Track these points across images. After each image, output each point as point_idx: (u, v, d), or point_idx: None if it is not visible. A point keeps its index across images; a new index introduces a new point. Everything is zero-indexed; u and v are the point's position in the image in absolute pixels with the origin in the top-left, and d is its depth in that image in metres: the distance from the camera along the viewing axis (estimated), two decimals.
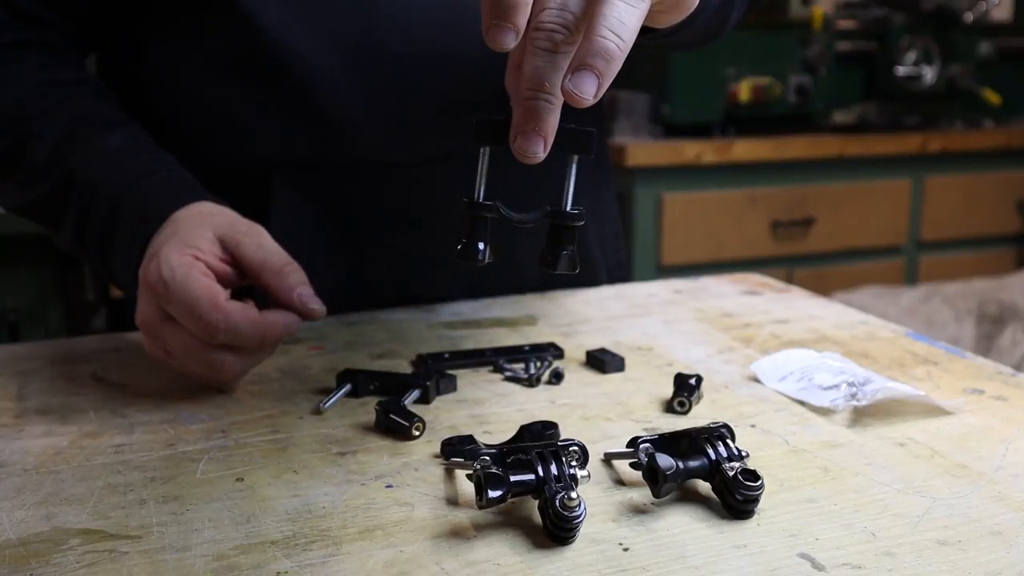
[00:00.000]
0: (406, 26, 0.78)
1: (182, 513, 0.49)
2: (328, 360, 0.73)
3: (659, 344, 0.77)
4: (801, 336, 0.79)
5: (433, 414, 0.63)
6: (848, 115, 2.83)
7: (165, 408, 0.64)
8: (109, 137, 0.74)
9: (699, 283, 0.96)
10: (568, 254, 0.54)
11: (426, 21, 0.79)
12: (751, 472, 0.48)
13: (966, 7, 2.79)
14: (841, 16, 2.86)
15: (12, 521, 0.49)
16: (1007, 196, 2.85)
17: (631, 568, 0.44)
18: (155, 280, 0.62)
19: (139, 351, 0.76)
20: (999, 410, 0.62)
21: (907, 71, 2.77)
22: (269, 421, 0.62)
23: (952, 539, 0.46)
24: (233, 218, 0.68)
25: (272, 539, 0.47)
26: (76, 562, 0.45)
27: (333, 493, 0.51)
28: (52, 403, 0.65)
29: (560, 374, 0.68)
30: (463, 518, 0.49)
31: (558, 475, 0.47)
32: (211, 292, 0.61)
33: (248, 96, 0.80)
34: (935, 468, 0.54)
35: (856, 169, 2.64)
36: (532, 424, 0.57)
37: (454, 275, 0.89)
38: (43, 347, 0.78)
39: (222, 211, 0.69)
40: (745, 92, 2.58)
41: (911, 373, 0.70)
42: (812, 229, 2.62)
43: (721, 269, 1.34)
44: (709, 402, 0.64)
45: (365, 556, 0.45)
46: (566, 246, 0.54)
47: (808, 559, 0.44)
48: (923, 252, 2.80)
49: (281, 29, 0.76)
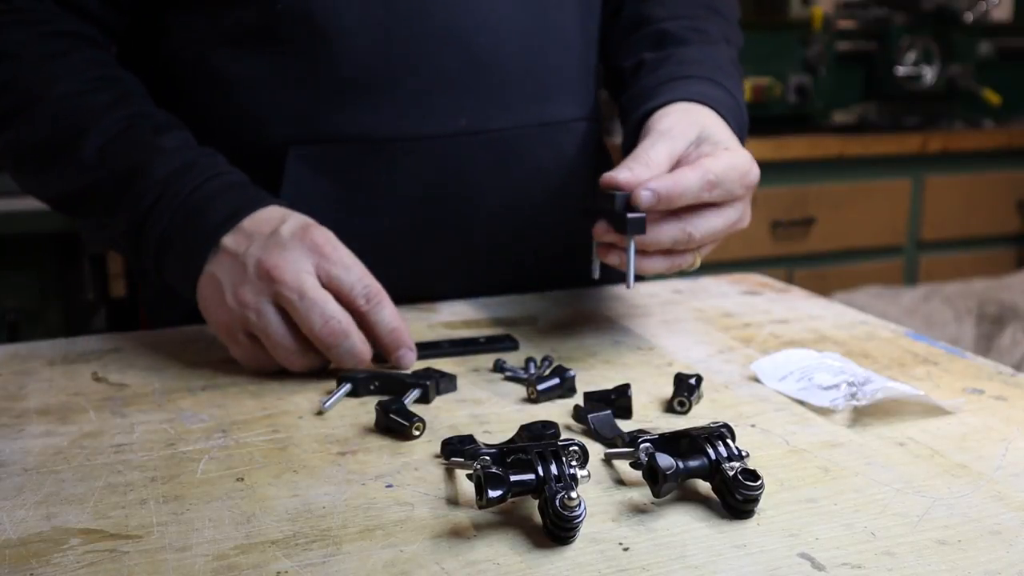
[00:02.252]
0: (423, 7, 0.80)
1: (182, 513, 0.49)
2: None
3: (659, 344, 0.77)
4: (801, 336, 0.79)
5: (433, 414, 0.63)
6: (848, 115, 2.83)
7: (165, 408, 0.64)
8: (166, 136, 0.75)
9: (699, 283, 0.96)
10: None
11: (443, 2, 0.80)
12: (751, 472, 0.48)
13: (966, 7, 2.79)
14: (841, 16, 2.86)
15: (12, 521, 0.49)
16: (1007, 196, 2.85)
17: (631, 568, 0.44)
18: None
19: (139, 351, 0.76)
20: (999, 410, 0.62)
21: (907, 71, 2.77)
22: (269, 421, 0.62)
23: (952, 539, 0.46)
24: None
25: (272, 539, 0.47)
26: (76, 562, 0.45)
27: (333, 493, 0.51)
28: (52, 403, 0.65)
29: (567, 377, 0.66)
30: (463, 518, 0.49)
31: (558, 475, 0.47)
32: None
33: (268, 70, 0.81)
34: (935, 468, 0.54)
35: (856, 169, 2.64)
36: (532, 424, 0.57)
37: (454, 274, 0.90)
38: (43, 347, 0.78)
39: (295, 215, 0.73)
40: (745, 92, 2.58)
41: (911, 373, 0.70)
42: (812, 229, 2.62)
43: (721, 269, 1.34)
44: (709, 402, 0.64)
45: (365, 556, 0.45)
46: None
47: (808, 559, 0.44)
48: (923, 252, 2.80)
49: (299, 5, 0.77)
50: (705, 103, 0.77)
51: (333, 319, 0.67)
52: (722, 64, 0.85)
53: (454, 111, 0.82)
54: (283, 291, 0.67)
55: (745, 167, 0.71)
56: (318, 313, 0.66)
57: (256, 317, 0.68)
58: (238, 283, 0.69)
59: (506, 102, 0.84)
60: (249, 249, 0.69)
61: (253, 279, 0.68)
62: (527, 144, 0.86)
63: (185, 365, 0.73)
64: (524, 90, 0.85)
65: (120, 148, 0.74)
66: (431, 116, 0.82)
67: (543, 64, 0.86)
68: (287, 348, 0.68)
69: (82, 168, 0.75)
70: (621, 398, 0.62)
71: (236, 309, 0.68)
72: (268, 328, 0.68)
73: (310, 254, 0.68)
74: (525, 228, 0.68)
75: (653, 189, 0.66)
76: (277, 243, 0.69)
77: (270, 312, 0.68)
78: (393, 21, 0.79)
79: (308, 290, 0.67)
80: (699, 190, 0.67)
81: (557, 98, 0.88)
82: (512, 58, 0.84)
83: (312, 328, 0.67)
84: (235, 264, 0.69)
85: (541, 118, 0.87)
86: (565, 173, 0.90)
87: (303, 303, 0.66)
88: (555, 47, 0.87)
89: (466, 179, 0.85)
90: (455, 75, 0.82)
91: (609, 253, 0.71)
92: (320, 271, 0.68)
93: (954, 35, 2.80)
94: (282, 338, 0.68)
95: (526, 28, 0.84)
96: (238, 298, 0.68)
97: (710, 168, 0.68)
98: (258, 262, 0.68)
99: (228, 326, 0.70)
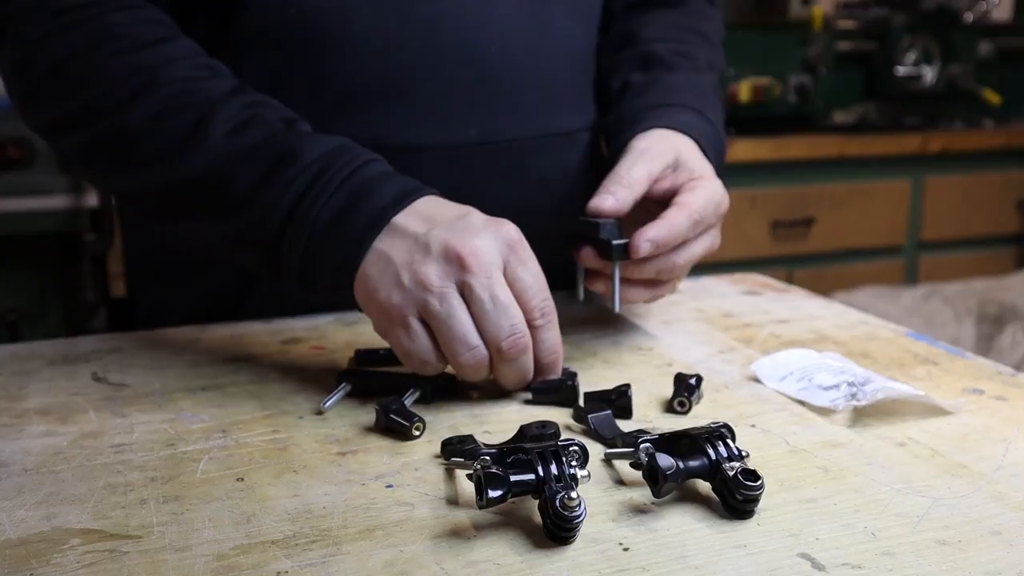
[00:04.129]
0: (436, 19, 0.79)
1: (182, 513, 0.49)
2: (328, 360, 0.73)
3: (659, 344, 0.77)
4: (801, 336, 0.79)
5: (433, 414, 0.63)
6: (848, 115, 2.83)
7: (165, 408, 0.64)
8: (300, 123, 0.70)
9: (699, 283, 0.96)
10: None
11: (458, 13, 0.80)
12: (751, 472, 0.48)
13: (966, 7, 2.79)
14: (841, 16, 2.86)
15: (12, 521, 0.49)
16: (1007, 196, 2.85)
17: (631, 568, 0.44)
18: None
19: (139, 351, 0.76)
20: (999, 410, 0.62)
21: (907, 71, 2.77)
22: (269, 421, 0.62)
23: (952, 539, 0.46)
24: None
25: (272, 539, 0.47)
26: (76, 562, 0.45)
27: (333, 493, 0.51)
28: (52, 403, 0.65)
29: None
30: (463, 518, 0.49)
31: (558, 475, 0.47)
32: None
33: (276, 77, 0.79)
34: (935, 468, 0.54)
35: (856, 169, 2.64)
36: (532, 424, 0.57)
37: None
38: (43, 347, 0.78)
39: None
40: (745, 92, 2.58)
41: (911, 373, 0.70)
42: (812, 229, 2.62)
43: (721, 269, 1.34)
44: (709, 402, 0.64)
45: (365, 556, 0.45)
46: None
47: (808, 559, 0.44)
48: (923, 252, 2.80)
49: (311, 14, 0.77)
50: (686, 132, 0.79)
51: (520, 331, 0.62)
52: (706, 92, 0.88)
53: (464, 122, 0.82)
54: (473, 283, 0.61)
55: (718, 198, 0.75)
56: (507, 321, 0.61)
57: (440, 303, 0.61)
58: (419, 263, 0.62)
59: (515, 113, 0.84)
60: (432, 231, 0.63)
61: (440, 260, 0.62)
62: (534, 155, 0.86)
63: (185, 365, 0.73)
64: (533, 101, 0.85)
65: (255, 134, 0.68)
66: (440, 126, 0.82)
67: (551, 74, 0.86)
68: (469, 345, 0.61)
69: (210, 154, 0.68)
70: (621, 398, 0.62)
71: (414, 291, 0.62)
72: (453, 316, 0.61)
73: (503, 247, 0.63)
74: (530, 237, 0.68)
75: (652, 240, 0.69)
76: (469, 228, 0.63)
77: (456, 300, 0.61)
78: (405, 30, 0.79)
79: (499, 291, 0.62)
80: (688, 232, 0.71)
81: (564, 109, 0.88)
82: (522, 69, 0.83)
83: (498, 337, 0.61)
84: (415, 245, 0.63)
85: (548, 129, 0.87)
86: (569, 183, 0.90)
87: (495, 307, 0.61)
88: (562, 57, 0.87)
89: (473, 189, 0.84)
90: (466, 85, 0.81)
91: (596, 281, 0.74)
92: (508, 269, 0.63)
93: (954, 35, 2.80)
94: (468, 332, 0.61)
95: (535, 38, 0.84)
96: (418, 278, 0.62)
97: (695, 208, 0.72)
98: (447, 244, 0.62)
99: (400, 310, 0.62)
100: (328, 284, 0.66)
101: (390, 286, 0.63)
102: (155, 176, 0.70)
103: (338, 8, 0.77)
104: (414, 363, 0.63)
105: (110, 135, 0.71)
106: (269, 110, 0.71)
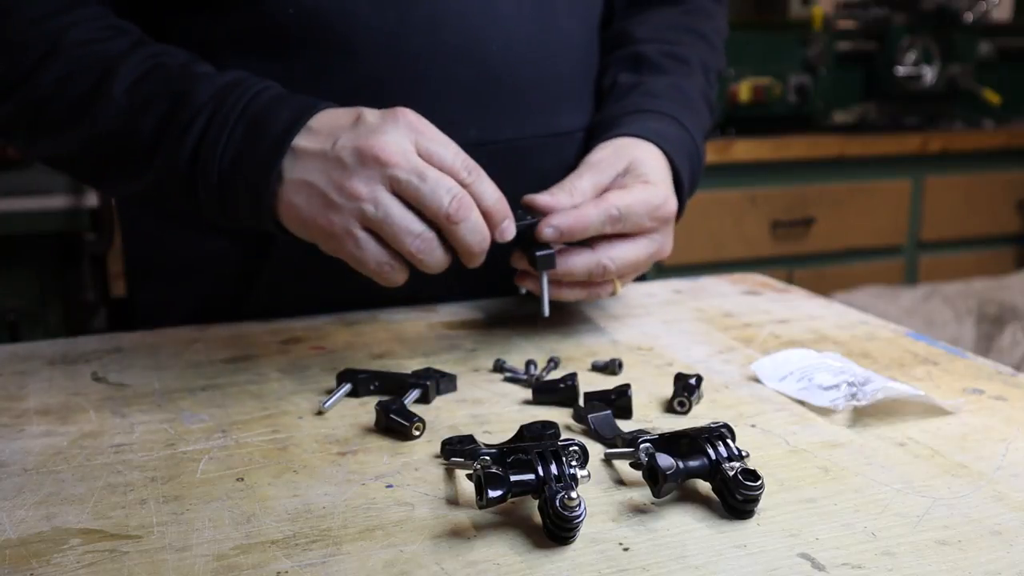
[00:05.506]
0: (437, 17, 0.79)
1: (182, 513, 0.49)
2: (328, 360, 0.73)
3: (659, 344, 0.77)
4: (801, 336, 0.79)
5: (433, 414, 0.63)
6: (848, 115, 2.83)
7: (165, 408, 0.64)
8: (198, 64, 0.72)
9: (699, 283, 0.96)
10: None
11: (459, 12, 0.80)
12: (751, 472, 0.48)
13: (966, 7, 2.80)
14: (841, 16, 2.86)
15: (12, 521, 0.49)
16: (1007, 196, 2.85)
17: (631, 568, 0.44)
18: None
19: (139, 351, 0.76)
20: (999, 410, 0.62)
21: (907, 71, 2.77)
22: (269, 421, 0.62)
23: (952, 539, 0.46)
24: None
25: (272, 539, 0.47)
26: (76, 562, 0.45)
27: (333, 493, 0.51)
28: (52, 403, 0.65)
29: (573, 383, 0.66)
30: (463, 518, 0.49)
31: (558, 475, 0.47)
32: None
33: (275, 76, 0.79)
34: (935, 468, 0.54)
35: (856, 169, 2.65)
36: (532, 424, 0.57)
37: (456, 278, 0.90)
38: (43, 347, 0.78)
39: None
40: (745, 92, 2.58)
41: (911, 373, 0.70)
42: (812, 229, 2.62)
43: (721, 269, 1.34)
44: (709, 402, 0.64)
45: (365, 556, 0.45)
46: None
47: (808, 559, 0.44)
48: (923, 252, 2.80)
49: (311, 13, 0.77)
50: (653, 140, 0.79)
51: (457, 192, 0.63)
52: (689, 97, 0.87)
53: (464, 121, 0.82)
54: (398, 174, 0.63)
55: (657, 201, 0.74)
56: (442, 189, 0.63)
57: (375, 207, 0.63)
58: (341, 177, 0.64)
59: (516, 113, 0.84)
60: (338, 142, 0.64)
61: (357, 168, 0.63)
62: (534, 154, 0.86)
63: (185, 365, 0.73)
64: (534, 101, 0.85)
65: (152, 84, 0.70)
66: (440, 126, 0.82)
67: (553, 74, 0.86)
68: (414, 233, 0.63)
69: (113, 110, 0.70)
70: (621, 398, 0.62)
71: (347, 204, 0.63)
72: (391, 215, 0.63)
73: (408, 132, 0.65)
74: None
75: (555, 225, 0.70)
76: (369, 129, 0.64)
77: (387, 198, 0.63)
78: (406, 30, 0.78)
79: (422, 168, 0.63)
80: (601, 224, 0.71)
81: (565, 108, 0.88)
82: (524, 68, 0.83)
83: (441, 206, 0.63)
84: (326, 161, 0.64)
85: (549, 128, 0.87)
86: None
87: (426, 183, 0.63)
88: (564, 57, 0.87)
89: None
90: (467, 85, 0.81)
91: (525, 279, 0.74)
92: (420, 148, 0.65)
93: (954, 35, 2.80)
94: (409, 222, 0.63)
95: (537, 38, 0.84)
96: (346, 192, 0.63)
97: (613, 203, 0.72)
98: (358, 149, 0.63)
99: (342, 228, 0.64)
100: (251, 219, 0.69)
101: (323, 209, 0.64)
102: (70, 139, 0.73)
103: (338, 7, 0.77)
104: (375, 272, 0.65)
105: (22, 104, 0.73)
106: (169, 57, 0.72)
